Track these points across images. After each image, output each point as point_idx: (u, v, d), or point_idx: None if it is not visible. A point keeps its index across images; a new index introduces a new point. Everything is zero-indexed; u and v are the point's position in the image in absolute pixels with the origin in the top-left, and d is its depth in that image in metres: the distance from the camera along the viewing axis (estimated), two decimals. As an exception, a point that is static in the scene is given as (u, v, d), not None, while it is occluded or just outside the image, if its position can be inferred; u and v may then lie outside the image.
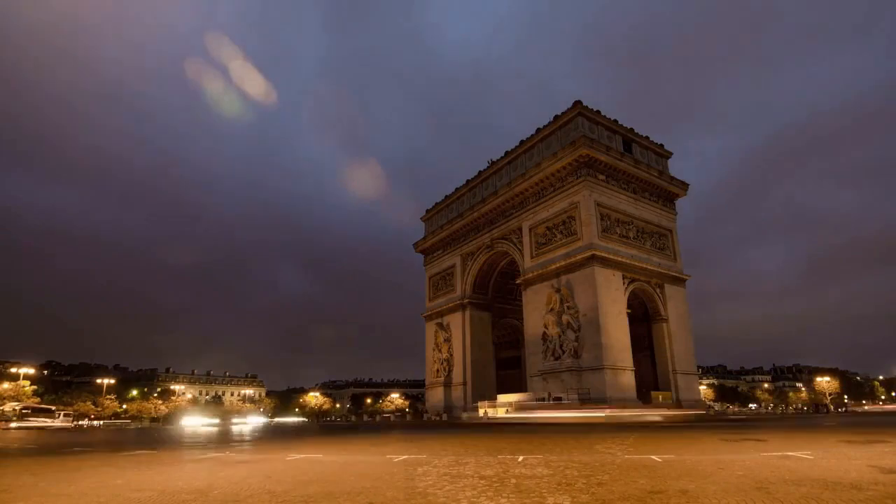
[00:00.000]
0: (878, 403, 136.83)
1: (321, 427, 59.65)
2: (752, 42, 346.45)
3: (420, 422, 75.47)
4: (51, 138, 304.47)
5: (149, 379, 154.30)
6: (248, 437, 31.98)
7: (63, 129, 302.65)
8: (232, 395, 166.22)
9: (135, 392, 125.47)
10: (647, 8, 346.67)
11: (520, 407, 56.35)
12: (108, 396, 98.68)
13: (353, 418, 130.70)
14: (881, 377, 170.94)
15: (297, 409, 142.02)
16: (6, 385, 79.48)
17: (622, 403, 51.04)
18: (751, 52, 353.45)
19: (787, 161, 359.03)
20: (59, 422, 64.15)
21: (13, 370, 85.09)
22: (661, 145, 71.32)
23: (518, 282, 68.28)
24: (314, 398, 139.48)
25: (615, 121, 65.83)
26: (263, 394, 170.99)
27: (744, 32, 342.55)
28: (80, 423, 76.60)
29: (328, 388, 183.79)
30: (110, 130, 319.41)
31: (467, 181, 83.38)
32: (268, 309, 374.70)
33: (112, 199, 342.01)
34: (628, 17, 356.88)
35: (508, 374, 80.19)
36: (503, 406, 58.43)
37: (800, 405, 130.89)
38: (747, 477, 9.15)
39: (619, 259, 59.32)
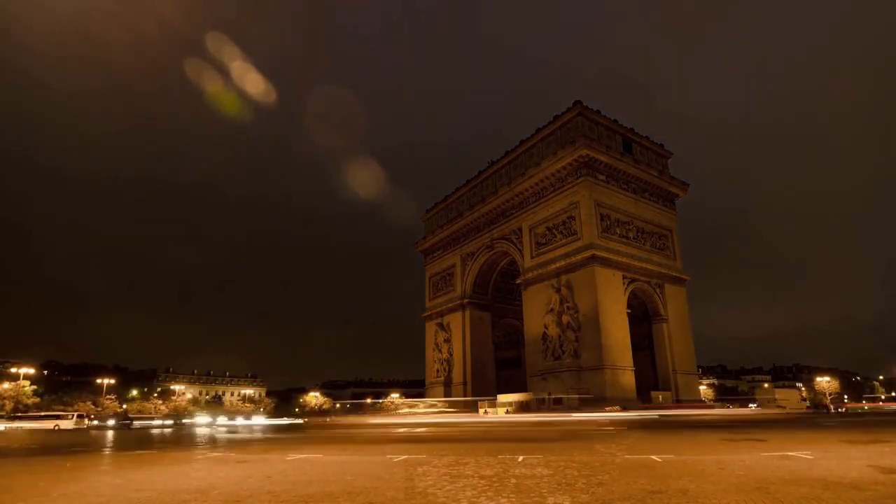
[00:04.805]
0: (878, 403, 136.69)
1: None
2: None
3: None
4: (51, 139, 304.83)
5: (149, 379, 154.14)
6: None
7: (64, 130, 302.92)
8: (232, 395, 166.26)
9: (135, 392, 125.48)
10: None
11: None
12: (108, 396, 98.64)
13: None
14: (881, 377, 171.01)
15: (297, 409, 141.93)
16: (6, 385, 79.46)
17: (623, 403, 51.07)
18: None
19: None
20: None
21: (13, 370, 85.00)
22: (662, 145, 71.32)
23: (518, 282, 68.27)
24: (314, 398, 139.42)
25: (615, 121, 65.80)
26: (264, 394, 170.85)
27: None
28: None
29: (328, 388, 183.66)
30: (111, 132, 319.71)
31: (467, 181, 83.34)
32: (269, 309, 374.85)
33: (112, 198, 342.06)
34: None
35: (508, 374, 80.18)
36: (503, 406, 58.46)
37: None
38: (747, 477, 9.14)
39: (620, 259, 59.31)
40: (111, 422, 65.47)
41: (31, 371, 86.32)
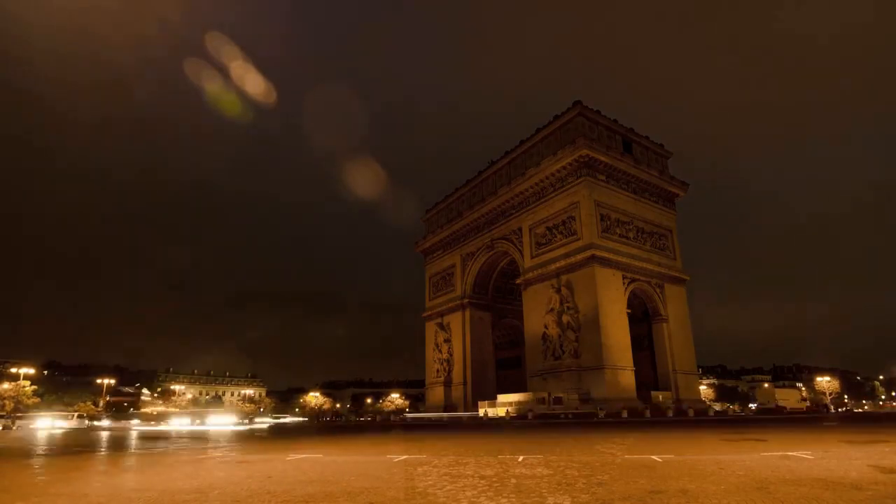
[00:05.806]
0: (879, 404, 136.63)
1: None
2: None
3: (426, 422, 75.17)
4: (51, 139, 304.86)
5: (149, 379, 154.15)
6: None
7: (64, 130, 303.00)
8: (232, 395, 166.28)
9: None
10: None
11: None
12: (108, 397, 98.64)
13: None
14: (881, 377, 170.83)
15: (297, 409, 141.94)
16: (6, 385, 79.41)
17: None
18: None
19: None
20: None
21: (13, 370, 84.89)
22: (661, 145, 71.29)
23: (518, 282, 68.25)
24: (314, 398, 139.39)
25: (615, 121, 65.78)
26: (264, 394, 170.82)
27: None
28: None
29: (328, 388, 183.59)
30: (113, 131, 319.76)
31: (467, 181, 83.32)
32: (270, 309, 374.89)
33: (111, 198, 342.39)
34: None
35: (508, 374, 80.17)
36: (503, 406, 58.43)
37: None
38: (748, 477, 9.13)
39: (619, 259, 59.30)
40: None
41: (32, 371, 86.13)
